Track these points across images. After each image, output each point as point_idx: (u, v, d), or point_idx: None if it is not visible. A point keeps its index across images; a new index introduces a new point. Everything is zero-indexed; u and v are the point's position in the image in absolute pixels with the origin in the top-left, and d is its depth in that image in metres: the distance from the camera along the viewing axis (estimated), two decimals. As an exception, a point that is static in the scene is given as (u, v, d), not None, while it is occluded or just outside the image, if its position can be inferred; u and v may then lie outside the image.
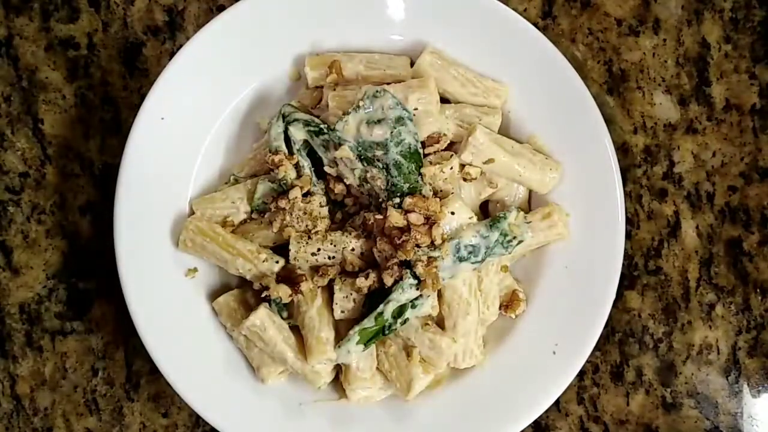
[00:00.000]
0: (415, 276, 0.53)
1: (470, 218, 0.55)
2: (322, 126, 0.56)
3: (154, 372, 0.59)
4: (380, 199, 0.55)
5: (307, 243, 0.56)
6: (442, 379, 0.59)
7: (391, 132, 0.54)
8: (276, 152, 0.56)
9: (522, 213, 0.57)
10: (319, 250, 0.56)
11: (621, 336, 0.62)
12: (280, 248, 0.57)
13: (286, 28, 0.59)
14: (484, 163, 0.56)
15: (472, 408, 0.58)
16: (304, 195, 0.56)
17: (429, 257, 0.54)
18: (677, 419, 0.62)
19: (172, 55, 0.60)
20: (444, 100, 0.58)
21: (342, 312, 0.56)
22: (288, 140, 0.57)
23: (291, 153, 0.57)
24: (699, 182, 0.62)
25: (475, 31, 0.58)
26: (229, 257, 0.56)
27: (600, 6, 0.63)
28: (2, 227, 0.63)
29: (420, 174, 0.55)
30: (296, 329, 0.57)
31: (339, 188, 0.57)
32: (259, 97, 0.60)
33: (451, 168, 0.56)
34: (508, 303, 0.58)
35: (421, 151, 0.55)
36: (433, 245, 0.54)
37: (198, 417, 0.61)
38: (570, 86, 0.57)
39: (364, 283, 0.54)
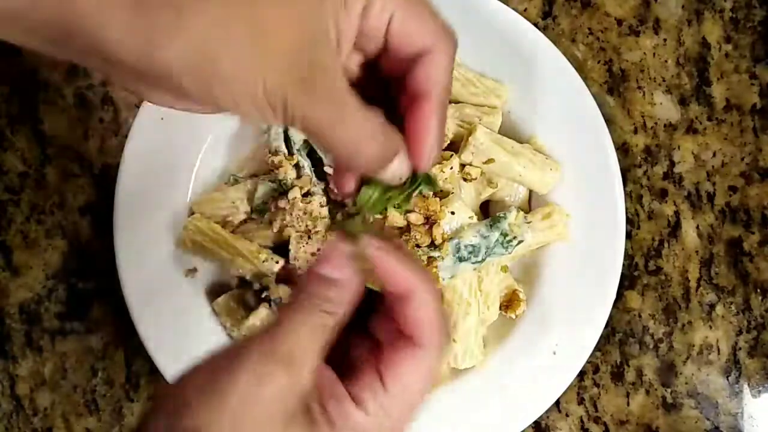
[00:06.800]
0: (415, 276, 0.53)
1: (470, 218, 0.55)
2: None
3: (154, 372, 0.59)
4: (380, 199, 0.55)
5: (307, 243, 0.56)
6: (441, 380, 0.59)
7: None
8: (276, 153, 0.56)
9: (522, 213, 0.57)
10: (319, 250, 0.56)
11: (621, 336, 0.62)
12: (280, 248, 0.57)
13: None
14: (485, 163, 0.56)
15: (472, 408, 0.58)
16: (304, 195, 0.56)
17: (429, 257, 0.54)
18: (677, 419, 0.62)
19: (171, 55, 0.60)
20: (444, 100, 0.58)
21: (342, 312, 0.56)
22: (288, 140, 0.57)
23: (291, 153, 0.57)
24: (699, 182, 0.62)
25: (475, 31, 0.58)
26: (229, 257, 0.56)
27: (600, 6, 0.63)
28: (2, 227, 0.63)
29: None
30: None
31: (339, 188, 0.57)
32: (259, 97, 0.60)
33: (452, 168, 0.55)
34: (508, 303, 0.58)
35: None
36: (433, 245, 0.54)
37: (198, 417, 0.60)
38: (570, 86, 0.57)
39: (364, 283, 0.54)
